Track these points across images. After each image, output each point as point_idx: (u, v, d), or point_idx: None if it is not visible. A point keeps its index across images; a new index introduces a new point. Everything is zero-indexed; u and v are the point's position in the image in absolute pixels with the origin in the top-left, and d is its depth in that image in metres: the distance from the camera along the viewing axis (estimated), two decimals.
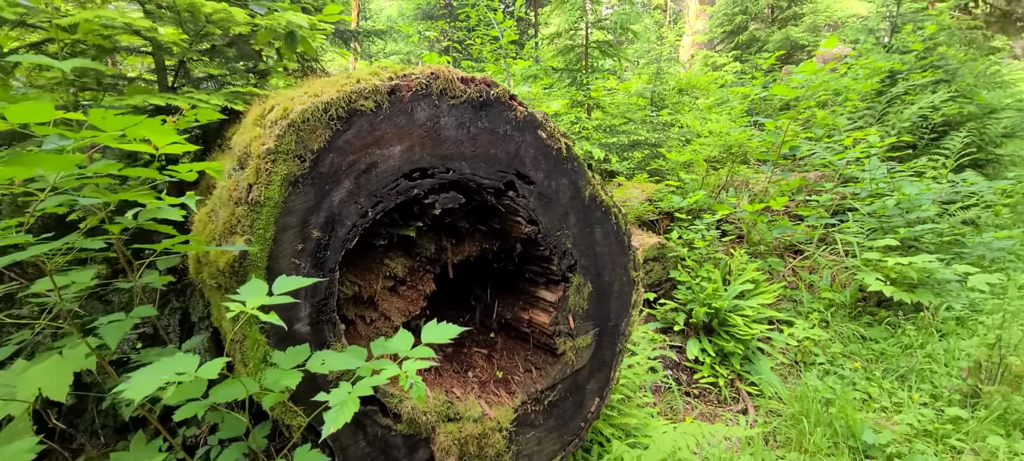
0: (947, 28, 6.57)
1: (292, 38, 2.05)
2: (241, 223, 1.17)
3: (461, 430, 1.51)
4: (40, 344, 1.87)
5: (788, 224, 3.98)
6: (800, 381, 3.04)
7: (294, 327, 1.24)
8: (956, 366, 2.93)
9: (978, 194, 4.93)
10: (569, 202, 1.63)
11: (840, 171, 4.76)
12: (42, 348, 1.84)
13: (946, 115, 5.61)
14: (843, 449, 2.47)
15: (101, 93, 1.72)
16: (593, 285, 1.73)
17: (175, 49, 1.67)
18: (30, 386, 1.35)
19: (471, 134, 1.41)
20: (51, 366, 1.36)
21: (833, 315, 3.64)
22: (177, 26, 1.62)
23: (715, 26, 14.49)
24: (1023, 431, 2.41)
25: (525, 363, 1.76)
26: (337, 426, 0.92)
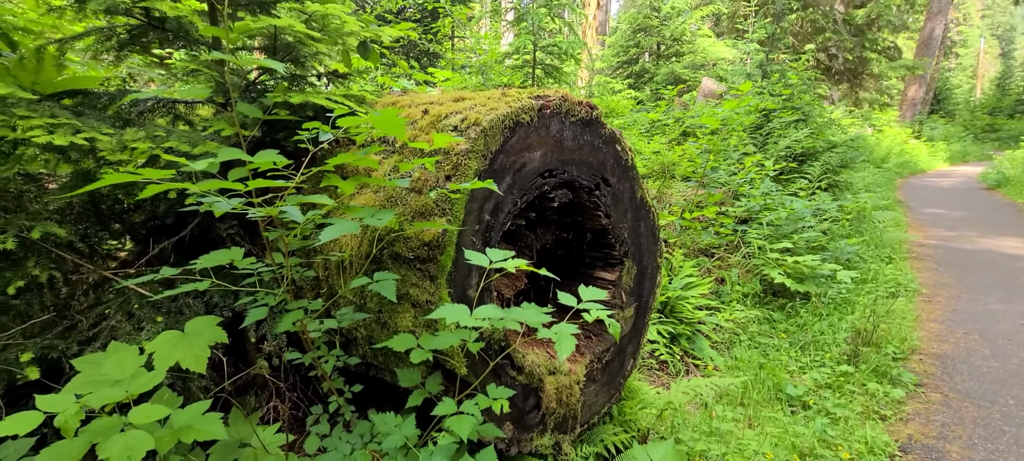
0: (806, 76, 8.22)
1: (364, 48, 2.25)
2: (439, 206, 1.44)
3: (557, 382, 1.88)
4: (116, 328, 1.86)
5: (718, 229, 4.82)
6: (731, 354, 3.80)
7: (467, 292, 1.53)
8: (838, 336, 3.88)
9: (828, 210, 6.32)
10: (628, 201, 2.08)
11: (738, 189, 5.82)
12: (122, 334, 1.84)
13: (805, 147, 7.08)
14: (773, 400, 3.20)
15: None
16: (637, 268, 2.20)
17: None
18: (165, 361, 1.46)
19: (580, 145, 1.81)
20: (178, 341, 1.49)
21: (747, 303, 4.52)
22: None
23: (612, 56, 16.05)
24: (890, 378, 3.34)
25: (586, 332, 2.16)
26: (568, 352, 1.26)
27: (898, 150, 15.42)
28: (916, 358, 3.68)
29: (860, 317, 3.86)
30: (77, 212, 2.03)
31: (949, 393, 3.18)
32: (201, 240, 2.00)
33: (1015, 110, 24.21)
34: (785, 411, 3.09)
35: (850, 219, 6.65)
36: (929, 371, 3.48)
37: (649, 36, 15.48)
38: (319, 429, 1.63)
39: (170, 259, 2.06)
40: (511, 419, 1.77)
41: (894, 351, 3.65)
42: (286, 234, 1.30)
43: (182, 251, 2.00)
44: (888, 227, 7.44)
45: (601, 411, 2.27)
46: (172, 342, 1.51)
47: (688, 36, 15.36)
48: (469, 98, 1.65)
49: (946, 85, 27.24)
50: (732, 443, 2.60)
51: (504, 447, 1.77)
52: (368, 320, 1.61)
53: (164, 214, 2.03)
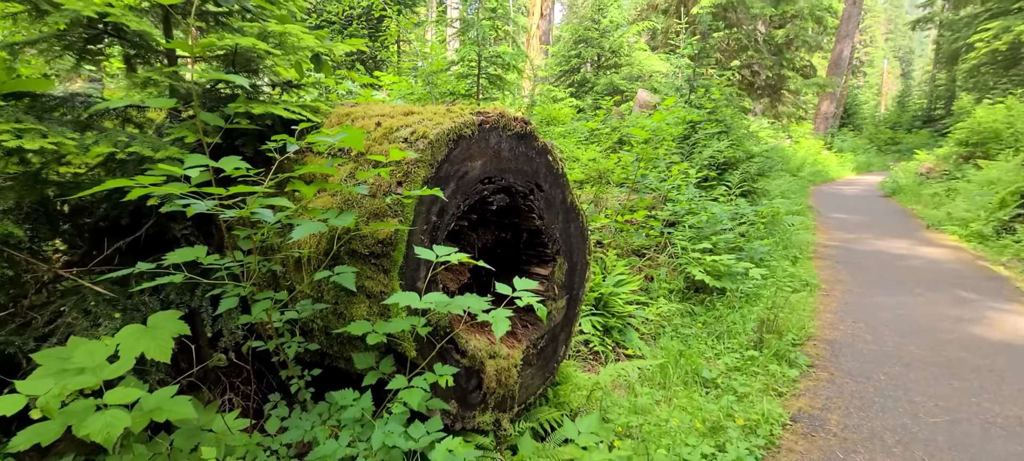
0: (727, 91, 8.96)
1: (318, 61, 2.41)
2: (392, 209, 1.65)
3: (497, 365, 2.12)
4: (73, 324, 1.93)
5: (643, 231, 5.25)
6: (658, 344, 4.19)
7: (416, 284, 1.74)
8: (748, 326, 4.37)
9: (745, 215, 6.97)
10: (560, 205, 2.37)
11: (667, 195, 6.33)
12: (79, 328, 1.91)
13: (727, 157, 7.76)
14: (691, 383, 3.60)
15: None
16: (568, 264, 2.49)
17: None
18: (130, 351, 1.59)
19: (516, 155, 2.07)
20: (141, 333, 1.62)
21: (672, 298, 4.96)
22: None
23: (555, 65, 16.59)
24: (788, 361, 3.83)
25: (523, 321, 2.42)
26: (504, 331, 1.51)
27: (812, 160, 16.89)
28: (811, 343, 4.22)
29: (765, 309, 4.37)
30: (25, 212, 2.07)
31: (835, 372, 3.71)
32: (156, 241, 2.09)
33: (912, 125, 27.05)
34: (701, 391, 3.49)
35: (765, 222, 7.35)
36: (821, 354, 4.02)
37: (590, 47, 16.15)
38: (279, 412, 1.78)
39: (115, 260, 2.14)
40: (455, 397, 1.99)
41: (793, 338, 4.17)
42: (253, 233, 1.47)
43: (137, 252, 2.08)
44: (798, 230, 8.25)
45: (537, 392, 2.54)
46: (136, 334, 1.63)
47: (626, 49, 16.16)
48: (418, 113, 1.87)
49: (854, 101, 30.01)
50: (652, 418, 2.95)
51: (449, 423, 1.99)
52: (325, 311, 1.79)
53: (118, 216, 2.10)
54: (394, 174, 1.66)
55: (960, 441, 2.79)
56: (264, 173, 1.50)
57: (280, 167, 1.62)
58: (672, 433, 2.85)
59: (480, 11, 8.82)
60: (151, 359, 1.59)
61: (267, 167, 1.66)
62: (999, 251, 6.90)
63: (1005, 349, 3.99)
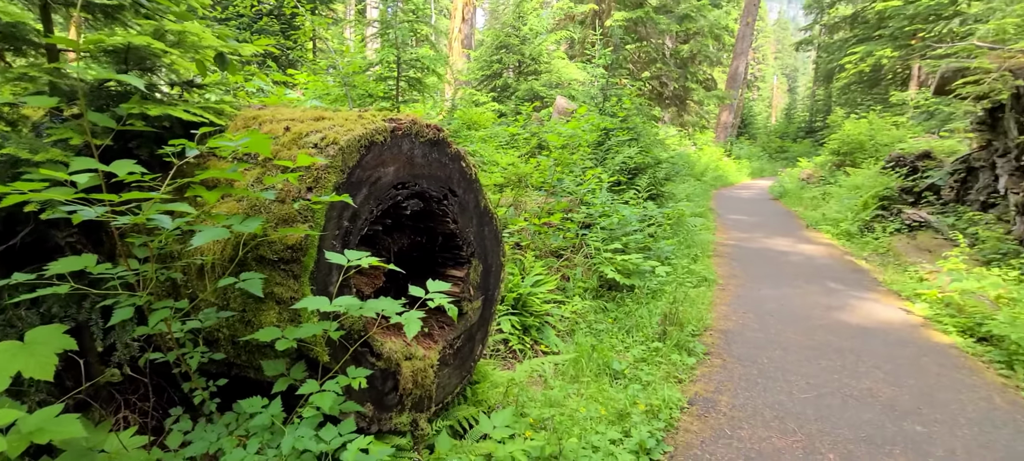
0: (637, 101, 9.54)
1: (222, 61, 2.33)
2: (301, 215, 1.66)
3: (413, 366, 2.17)
4: None
5: (558, 234, 5.49)
6: (573, 340, 4.42)
7: (328, 288, 1.76)
8: (653, 320, 4.72)
9: (653, 217, 7.49)
10: (473, 209, 2.46)
11: (582, 198, 6.66)
12: None
13: (637, 163, 8.28)
14: (602, 375, 3.84)
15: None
16: (483, 266, 2.59)
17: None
18: (5, 370, 1.49)
19: (429, 161, 2.13)
20: (18, 350, 1.53)
21: (587, 296, 5.24)
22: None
23: (476, 69, 16.73)
24: (687, 350, 4.20)
25: (439, 323, 2.49)
26: (415, 332, 1.57)
27: (714, 166, 18.37)
28: (708, 333, 4.64)
29: (668, 304, 4.74)
30: None
31: (727, 358, 4.11)
32: (36, 249, 1.92)
33: (797, 135, 30.21)
34: (611, 382, 3.73)
35: (671, 224, 7.93)
36: (716, 342, 4.43)
37: (511, 53, 16.47)
38: (181, 426, 1.72)
39: None
40: (371, 400, 2.02)
41: (693, 329, 4.57)
42: (150, 240, 1.42)
43: (12, 261, 1.90)
44: (700, 230, 8.97)
45: (454, 391, 2.61)
46: (11, 352, 1.51)
47: (545, 57, 16.66)
48: (329, 118, 1.88)
49: (750, 113, 32.97)
50: (565, 409, 3.12)
51: (365, 425, 2.01)
52: (232, 319, 1.75)
53: None
54: (304, 180, 1.67)
55: (824, 412, 3.22)
56: (161, 178, 1.45)
57: (180, 172, 1.57)
58: (583, 422, 3.04)
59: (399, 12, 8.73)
60: (30, 378, 1.48)
61: (165, 172, 1.60)
62: (862, 247, 7.95)
63: (862, 332, 4.63)
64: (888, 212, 8.32)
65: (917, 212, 7.60)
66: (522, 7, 15.55)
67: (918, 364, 3.92)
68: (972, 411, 3.22)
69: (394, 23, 6.14)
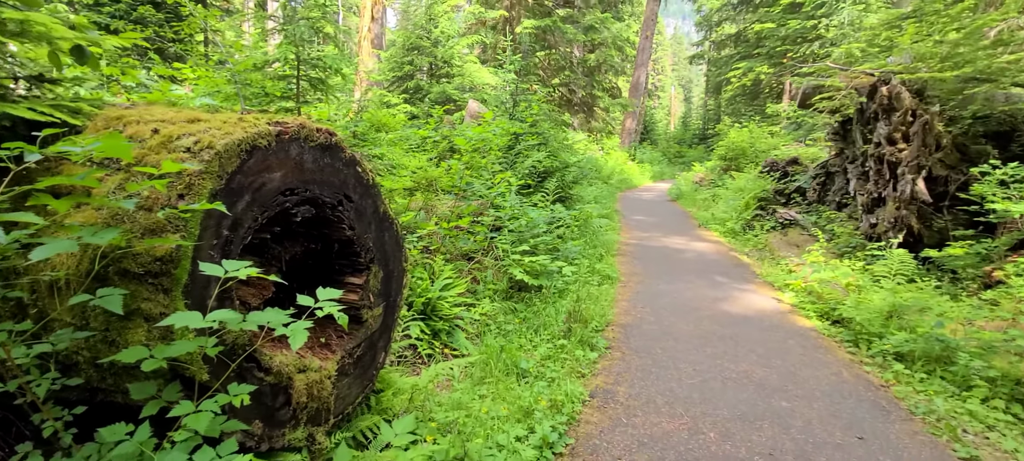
0: (544, 107, 9.85)
1: (81, 54, 2.10)
2: (172, 224, 1.55)
3: (308, 378, 2.10)
4: None
5: (468, 237, 5.53)
6: (483, 342, 4.47)
7: (205, 302, 1.65)
8: (560, 318, 4.91)
9: (562, 219, 7.78)
10: (372, 215, 2.42)
11: (492, 201, 6.75)
12: None
13: (546, 166, 8.55)
14: (511, 374, 3.93)
15: None
16: (384, 272, 2.56)
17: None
18: None
19: (321, 167, 2.07)
20: None
21: (497, 298, 5.32)
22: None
23: (387, 69, 16.35)
24: (590, 345, 4.41)
25: (338, 332, 2.42)
26: (300, 344, 1.53)
27: (619, 169, 19.41)
28: (610, 328, 4.91)
29: (572, 302, 4.95)
30: None
31: (626, 351, 4.38)
32: None
33: (692, 142, 32.80)
34: (518, 381, 3.82)
35: (578, 225, 8.28)
36: (616, 337, 4.70)
37: (423, 55, 16.29)
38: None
39: None
40: (260, 416, 1.92)
41: (595, 325, 4.81)
42: None
43: None
44: (606, 231, 9.45)
45: (356, 401, 2.55)
46: None
47: (457, 60, 16.68)
48: (205, 120, 1.77)
49: (651, 120, 35.25)
50: (472, 410, 3.16)
51: (254, 444, 1.91)
52: (93, 340, 1.59)
53: None
54: (174, 186, 1.55)
55: (707, 395, 3.54)
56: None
57: (21, 178, 1.40)
58: (490, 422, 3.10)
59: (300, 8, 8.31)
60: None
61: (12, 180, 1.41)
62: (744, 243, 8.81)
63: (742, 320, 5.14)
64: (765, 212, 9.30)
65: (788, 211, 8.57)
66: (433, 9, 15.45)
67: (785, 346, 4.43)
68: (826, 385, 3.71)
69: (294, 19, 5.85)
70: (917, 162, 5.49)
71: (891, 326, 4.34)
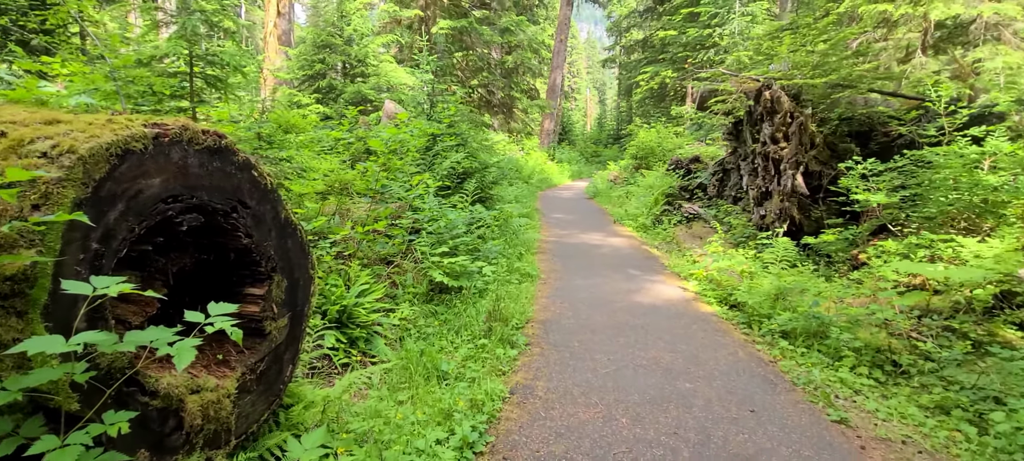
0: (461, 109, 9.85)
1: None
2: (25, 238, 1.38)
3: (203, 399, 1.95)
4: None
5: (385, 241, 5.39)
6: (403, 347, 4.39)
7: (71, 324, 1.49)
8: (480, 318, 4.94)
9: (483, 219, 7.83)
10: (272, 221, 2.30)
11: (410, 203, 6.64)
12: None
13: (465, 167, 8.56)
14: (432, 378, 3.89)
15: None
16: (288, 281, 2.43)
17: None
18: None
19: (209, 171, 1.93)
20: None
21: (417, 301, 5.24)
22: None
23: (297, 68, 15.52)
24: (511, 343, 4.47)
25: (237, 347, 2.27)
26: (186, 363, 1.42)
27: (540, 169, 19.84)
28: (530, 325, 5.01)
29: (492, 302, 5.00)
30: None
31: (545, 346, 4.49)
32: None
33: (607, 142, 34.25)
34: (439, 384, 3.80)
35: (498, 225, 8.37)
36: (536, 333, 4.81)
37: (335, 54, 15.65)
38: None
39: None
40: (147, 444, 1.75)
41: (516, 323, 4.89)
42: None
43: None
44: (527, 230, 9.62)
45: (261, 419, 2.40)
46: None
47: (373, 59, 16.20)
48: (66, 122, 1.58)
49: (569, 121, 36.38)
50: (392, 417, 3.09)
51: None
52: None
53: None
54: (26, 196, 1.38)
55: (620, 383, 3.72)
56: None
57: None
58: (409, 428, 3.05)
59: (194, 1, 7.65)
60: None
61: None
62: (654, 237, 9.35)
63: (652, 309, 5.46)
64: (672, 207, 9.93)
65: (691, 206, 9.21)
66: (344, 6, 14.89)
67: (689, 332, 4.76)
68: (724, 365, 4.03)
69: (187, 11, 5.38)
70: (796, 159, 6.13)
71: (777, 307, 4.82)
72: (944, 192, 4.88)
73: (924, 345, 3.88)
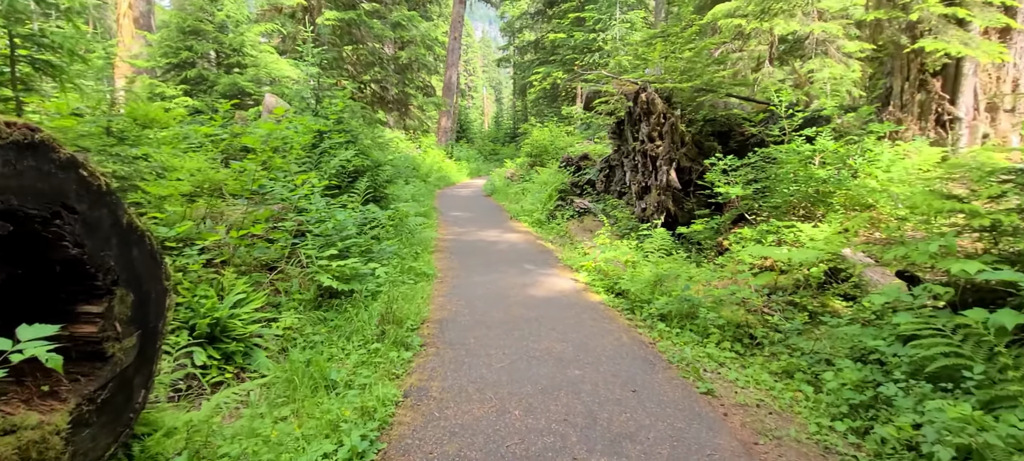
0: (349, 104, 9.43)
1: None
2: None
3: (21, 440, 1.66)
4: None
5: (266, 246, 4.99)
6: (288, 358, 4.10)
7: None
8: (374, 322, 4.76)
9: (378, 219, 7.57)
10: (111, 228, 2.01)
11: (295, 204, 6.21)
12: None
13: (356, 166, 8.20)
14: (320, 389, 3.68)
15: None
16: (135, 295, 2.15)
17: None
18: None
19: (19, 171, 1.64)
20: None
21: (303, 309, 4.92)
22: None
23: (159, 55, 13.82)
24: (405, 345, 4.37)
25: (70, 374, 1.96)
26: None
27: (437, 167, 19.63)
28: (426, 325, 4.93)
29: (384, 304, 4.85)
30: None
31: (440, 345, 4.45)
32: None
33: (505, 140, 34.82)
34: (329, 394, 3.59)
35: (393, 225, 8.14)
36: (432, 333, 4.74)
37: (205, 41, 14.17)
38: None
39: None
40: None
41: (411, 324, 4.79)
42: None
43: None
44: (425, 228, 9.47)
45: (106, 454, 2.10)
46: None
47: (251, 49, 14.92)
48: None
49: (467, 119, 36.42)
50: (270, 437, 2.86)
51: None
52: None
53: None
54: None
55: (514, 376, 3.80)
56: None
57: None
58: (291, 444, 2.85)
59: None
60: None
61: None
62: (548, 232, 9.69)
63: (545, 301, 5.65)
64: (565, 202, 10.36)
65: (582, 201, 9.68)
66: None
67: (580, 321, 5.00)
68: (610, 350, 4.29)
69: None
70: (669, 156, 6.70)
71: (656, 293, 5.22)
72: (786, 184, 5.63)
73: (773, 319, 4.44)
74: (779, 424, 3.17)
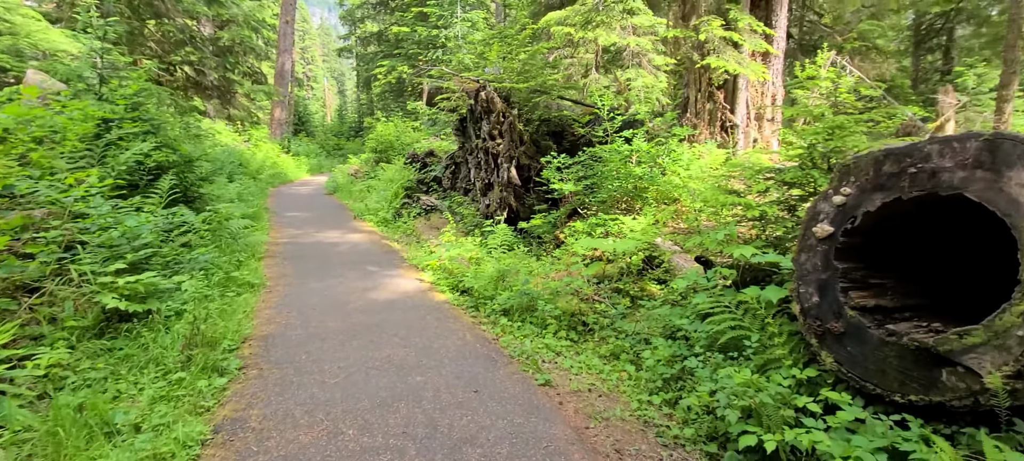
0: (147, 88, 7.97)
1: None
2: None
3: None
4: None
5: (17, 263, 3.92)
6: (53, 404, 3.26)
7: None
8: (177, 345, 4.05)
9: (190, 223, 6.50)
10: None
11: (68, 208, 5.00)
12: None
13: (158, 161, 6.93)
14: (99, 437, 2.99)
15: None
16: None
17: None
18: None
19: None
20: None
21: (79, 338, 3.98)
22: None
23: None
24: (219, 370, 3.78)
25: None
26: None
27: (271, 163, 17.74)
28: (247, 345, 4.35)
29: (188, 324, 4.16)
30: None
31: (264, 366, 3.95)
32: None
33: (349, 134, 32.93)
34: (111, 443, 2.94)
35: (211, 229, 7.08)
36: (255, 352, 4.20)
37: None
38: None
39: None
40: None
41: (229, 344, 4.18)
42: None
43: None
44: (253, 231, 8.43)
45: None
46: None
47: (5, 14, 11.74)
48: None
49: (306, 111, 33.63)
50: None
51: None
52: None
53: None
54: None
55: (350, 392, 3.52)
56: None
57: None
58: None
59: None
60: None
61: None
62: (395, 231, 9.36)
63: (388, 305, 5.40)
64: (412, 199, 10.11)
65: (429, 198, 9.53)
66: None
67: (424, 323, 4.87)
68: (453, 351, 4.24)
69: None
70: (509, 154, 6.91)
71: (499, 288, 5.33)
72: (611, 181, 6.19)
73: (601, 305, 4.82)
74: (607, 405, 3.42)
